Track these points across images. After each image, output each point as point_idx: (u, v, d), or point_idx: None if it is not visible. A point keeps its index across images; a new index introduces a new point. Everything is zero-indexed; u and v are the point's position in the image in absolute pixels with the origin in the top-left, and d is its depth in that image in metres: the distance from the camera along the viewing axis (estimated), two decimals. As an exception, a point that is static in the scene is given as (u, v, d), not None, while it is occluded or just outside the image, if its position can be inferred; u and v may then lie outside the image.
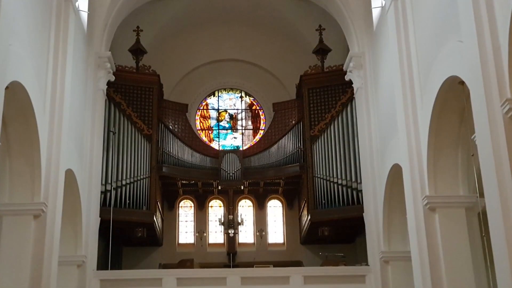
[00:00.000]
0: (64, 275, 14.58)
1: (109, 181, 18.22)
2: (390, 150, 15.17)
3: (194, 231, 22.02)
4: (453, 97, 11.40)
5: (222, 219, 20.47)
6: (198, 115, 23.72)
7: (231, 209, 21.44)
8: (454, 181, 12.22)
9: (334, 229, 19.53)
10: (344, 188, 18.62)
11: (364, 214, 17.41)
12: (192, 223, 22.22)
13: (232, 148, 22.82)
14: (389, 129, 15.25)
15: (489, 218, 9.00)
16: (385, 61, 15.64)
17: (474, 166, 10.88)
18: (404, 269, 15.16)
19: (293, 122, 20.92)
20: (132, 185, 18.69)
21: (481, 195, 9.95)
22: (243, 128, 23.81)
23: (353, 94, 18.79)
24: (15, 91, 10.84)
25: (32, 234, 11.84)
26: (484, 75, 9.01)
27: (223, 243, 21.84)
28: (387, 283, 15.89)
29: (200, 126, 23.63)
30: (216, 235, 22.10)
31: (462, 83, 10.53)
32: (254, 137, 23.47)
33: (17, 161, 11.86)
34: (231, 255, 21.10)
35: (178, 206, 22.34)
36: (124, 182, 18.53)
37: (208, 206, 22.44)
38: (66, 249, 14.98)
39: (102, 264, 17.76)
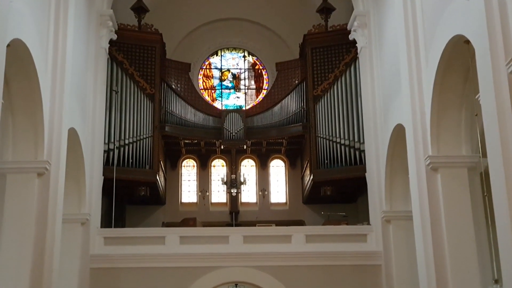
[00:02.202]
0: (68, 232, 14.77)
1: (112, 140, 18.26)
2: (393, 110, 15.13)
3: (196, 190, 22.13)
4: (458, 56, 11.30)
5: (225, 179, 20.57)
6: (201, 74, 23.61)
7: (233, 168, 21.52)
8: (457, 141, 12.20)
9: (336, 189, 19.64)
10: (347, 148, 18.65)
11: (366, 174, 17.47)
12: (195, 183, 22.32)
13: (235, 108, 22.77)
14: (392, 89, 15.19)
15: (491, 178, 9.01)
16: (389, 20, 15.48)
17: (478, 126, 10.85)
18: (405, 228, 15.27)
19: (296, 81, 20.84)
20: (135, 144, 18.73)
21: (484, 155, 9.96)
22: (246, 87, 23.72)
23: (357, 53, 18.66)
24: (17, 48, 10.78)
25: (36, 192, 11.91)
26: (489, 34, 8.93)
27: (226, 203, 21.97)
28: (388, 242, 16.02)
29: (203, 86, 23.54)
30: (218, 194, 22.22)
31: (467, 42, 10.42)
32: (257, 97, 23.40)
33: (20, 119, 11.86)
34: (234, 214, 21.27)
35: (181, 166, 22.42)
36: (127, 141, 18.57)
37: (210, 166, 22.51)
38: (70, 207, 15.11)
39: (106, 222, 17.91)
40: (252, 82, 23.79)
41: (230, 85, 23.70)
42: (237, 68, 23.83)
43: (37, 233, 11.76)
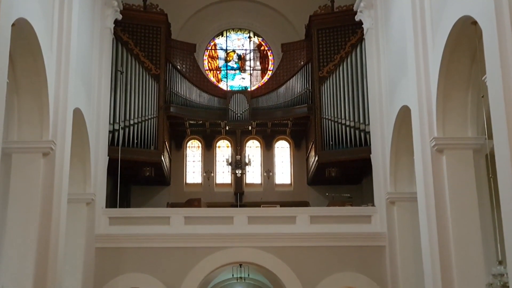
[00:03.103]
0: (74, 212, 14.85)
1: (117, 121, 18.28)
2: (399, 92, 15.07)
3: (201, 171, 22.17)
4: (465, 37, 11.23)
5: (230, 160, 20.58)
6: (206, 55, 23.55)
7: (238, 149, 21.53)
8: (463, 122, 12.17)
9: (341, 170, 19.66)
10: (352, 130, 18.64)
11: (371, 155, 17.46)
12: (200, 163, 22.36)
13: (240, 89, 22.73)
14: (398, 70, 15.11)
15: (497, 160, 8.99)
16: (396, 1, 15.36)
17: (484, 107, 10.79)
18: (410, 210, 15.28)
19: (302, 63, 20.77)
20: (140, 124, 18.75)
21: (490, 136, 9.92)
22: (251, 68, 23.65)
23: (363, 35, 18.56)
24: (22, 28, 10.74)
25: (41, 171, 11.92)
26: (497, 14, 8.86)
27: (231, 183, 22.01)
28: (393, 224, 16.04)
29: (208, 67, 23.49)
30: (223, 175, 22.25)
31: (474, 23, 10.34)
32: (262, 78, 23.34)
33: (25, 99, 11.85)
34: (238, 195, 21.32)
35: (186, 146, 22.44)
36: (132, 122, 18.59)
37: (215, 147, 22.53)
38: (75, 187, 15.17)
39: (111, 202, 18.00)
40: (258, 63, 23.72)
41: (235, 66, 23.64)
42: (242, 49, 23.75)
43: (42, 213, 11.79)
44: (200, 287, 17.15)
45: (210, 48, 23.66)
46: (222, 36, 23.81)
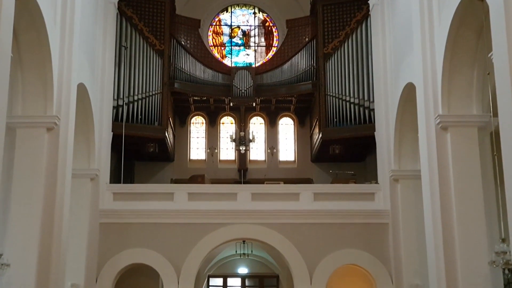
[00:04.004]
0: (78, 187, 14.89)
1: (121, 96, 18.27)
2: (404, 68, 14.98)
3: (205, 148, 22.18)
4: (472, 14, 11.13)
5: (234, 136, 20.57)
6: (210, 31, 23.44)
7: (242, 126, 21.51)
8: (468, 100, 12.11)
9: (345, 148, 19.66)
10: (356, 107, 18.60)
11: (375, 132, 17.41)
12: (204, 140, 22.36)
13: (245, 65, 22.62)
14: (404, 47, 15.01)
15: (501, 137, 8.94)
16: (402, -23, 15.21)
17: (490, 84, 10.73)
18: (413, 187, 15.28)
19: (307, 39, 20.66)
20: (144, 100, 18.73)
21: (495, 114, 9.87)
22: (256, 45, 23.53)
23: (368, 11, 18.42)
24: (25, 2, 10.68)
25: (46, 146, 11.94)
26: (505, -10, 8.75)
27: (234, 160, 22.02)
28: (396, 201, 16.05)
29: (213, 42, 23.38)
30: (227, 151, 22.26)
31: (481, -1, 10.26)
32: (266, 54, 23.24)
33: (29, 73, 11.82)
34: (242, 171, 21.33)
35: (190, 123, 22.42)
36: (136, 98, 18.56)
37: (219, 123, 22.51)
38: (79, 162, 15.21)
39: (115, 178, 18.04)
40: (262, 39, 23.60)
41: (240, 42, 23.52)
42: (247, 25, 23.62)
43: (46, 188, 11.83)
44: (203, 263, 17.31)
45: (214, 24, 23.54)
46: (226, 11, 23.67)
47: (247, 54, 23.36)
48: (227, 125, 22.51)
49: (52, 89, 12.06)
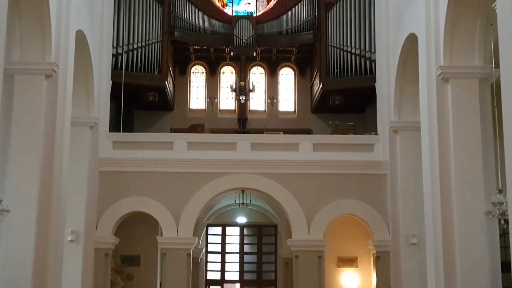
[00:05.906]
0: (77, 135, 14.87)
1: (121, 44, 18.13)
2: (407, 19, 14.80)
3: (205, 97, 22.11)
4: (476, -37, 10.96)
5: (234, 86, 20.50)
6: (211, -22, 23.07)
7: (242, 75, 21.40)
8: (470, 51, 12.01)
9: (345, 98, 19.63)
10: (357, 58, 18.51)
11: (376, 83, 17.33)
12: (204, 89, 22.28)
13: (246, 14, 22.34)
14: (407, -4, 14.81)
15: (502, 88, 8.88)
16: None
17: (492, 36, 10.61)
18: (413, 139, 15.27)
19: (309, -13, 20.39)
20: (143, 48, 18.61)
21: (496, 66, 9.80)
22: (257, -7, 23.21)
23: (371, -41, 18.14)
24: None
25: (44, 93, 11.87)
26: None
27: (234, 110, 21.97)
28: (395, 152, 16.07)
29: (213, -10, 23.05)
30: (227, 101, 22.20)
31: None
32: (268, 3, 22.91)
33: (27, 19, 11.65)
34: (242, 121, 21.33)
35: (190, 72, 22.29)
36: (135, 46, 18.44)
37: (219, 72, 22.39)
38: (78, 110, 15.15)
39: (114, 126, 18.03)
40: (264, -12, 23.26)
41: (241, -10, 23.19)
42: (248, -27, 23.26)
43: (46, 135, 11.81)
44: (202, 212, 17.43)
45: (215, -29, 23.16)
46: (228, -41, 23.28)
47: (248, 3, 23.05)
48: (227, 75, 22.39)
49: (50, 35, 11.91)
